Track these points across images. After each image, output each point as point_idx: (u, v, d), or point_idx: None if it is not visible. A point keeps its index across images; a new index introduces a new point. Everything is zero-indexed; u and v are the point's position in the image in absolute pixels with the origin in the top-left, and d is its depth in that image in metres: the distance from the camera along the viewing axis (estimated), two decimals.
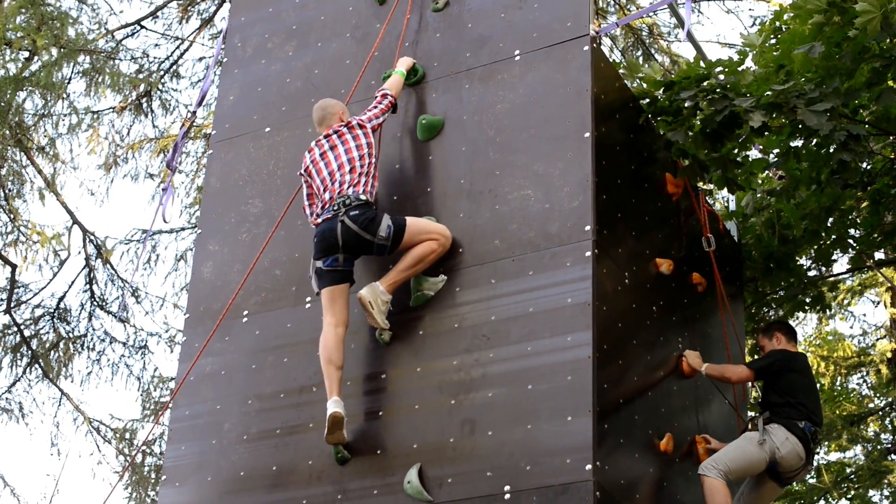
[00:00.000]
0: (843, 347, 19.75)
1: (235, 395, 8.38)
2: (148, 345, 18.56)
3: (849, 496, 17.89)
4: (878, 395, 20.43)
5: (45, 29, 16.60)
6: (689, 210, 9.36)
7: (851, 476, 18.20)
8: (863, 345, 20.43)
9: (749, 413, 9.82)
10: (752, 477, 8.56)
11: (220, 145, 9.50)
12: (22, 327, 18.07)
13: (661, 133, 8.96)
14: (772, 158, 10.09)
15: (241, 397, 8.35)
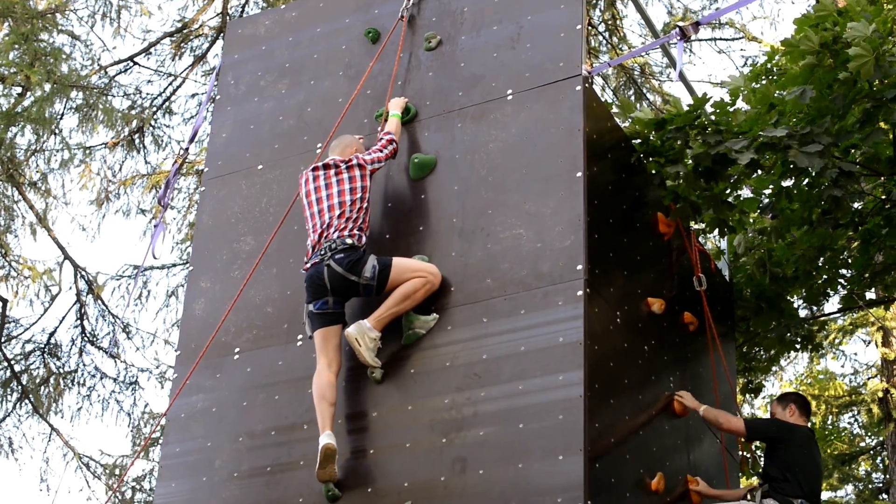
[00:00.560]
0: (835, 386, 19.80)
1: (226, 433, 8.35)
2: (138, 381, 18.56)
3: None
4: (869, 434, 20.45)
5: (38, 65, 16.62)
6: (680, 249, 9.38)
7: None
8: (854, 384, 20.47)
9: (740, 452, 9.80)
10: None
11: (213, 182, 9.50)
12: (12, 362, 18.05)
13: (654, 172, 8.98)
14: (764, 199, 10.11)
15: (231, 434, 8.33)
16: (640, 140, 9.05)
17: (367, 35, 9.40)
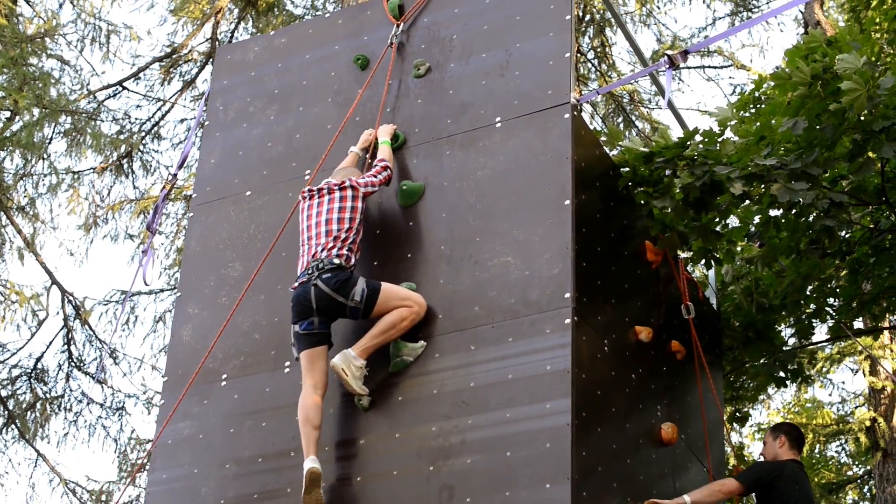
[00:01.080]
0: (822, 415, 19.79)
1: (213, 460, 8.32)
2: (125, 406, 18.51)
3: None
4: (856, 463, 20.45)
5: (27, 89, 16.63)
6: (668, 278, 9.38)
7: None
8: (842, 412, 20.47)
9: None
10: None
11: (201, 208, 9.49)
12: None
13: (643, 202, 8.98)
14: (751, 228, 10.12)
15: (218, 461, 8.30)
16: (628, 169, 9.05)
17: (357, 62, 9.41)
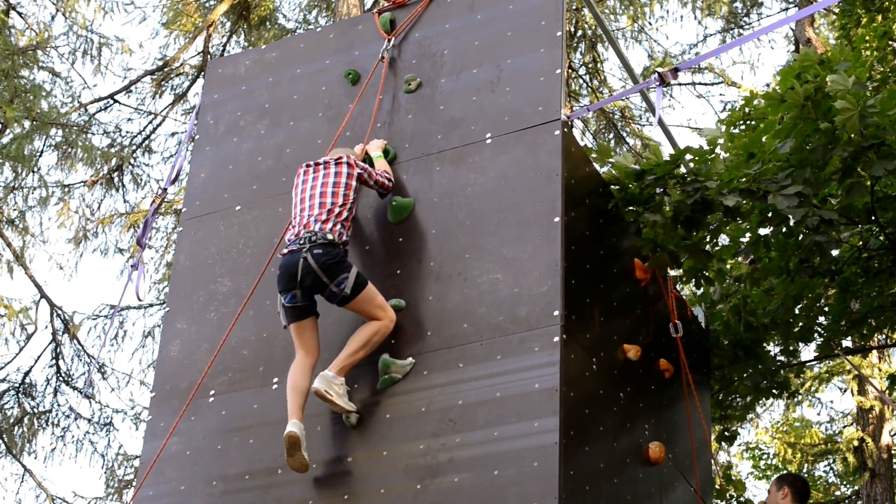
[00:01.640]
0: (811, 434, 19.78)
1: (200, 476, 8.29)
2: (113, 422, 18.48)
3: None
4: (844, 483, 20.42)
5: (17, 101, 16.61)
6: (657, 296, 9.37)
7: None
8: (830, 432, 20.46)
9: (715, 502, 9.78)
10: None
11: (190, 223, 9.47)
12: None
13: (632, 220, 8.98)
14: (741, 247, 10.13)
15: (206, 478, 8.26)
16: (618, 186, 9.05)
17: (347, 76, 9.41)
